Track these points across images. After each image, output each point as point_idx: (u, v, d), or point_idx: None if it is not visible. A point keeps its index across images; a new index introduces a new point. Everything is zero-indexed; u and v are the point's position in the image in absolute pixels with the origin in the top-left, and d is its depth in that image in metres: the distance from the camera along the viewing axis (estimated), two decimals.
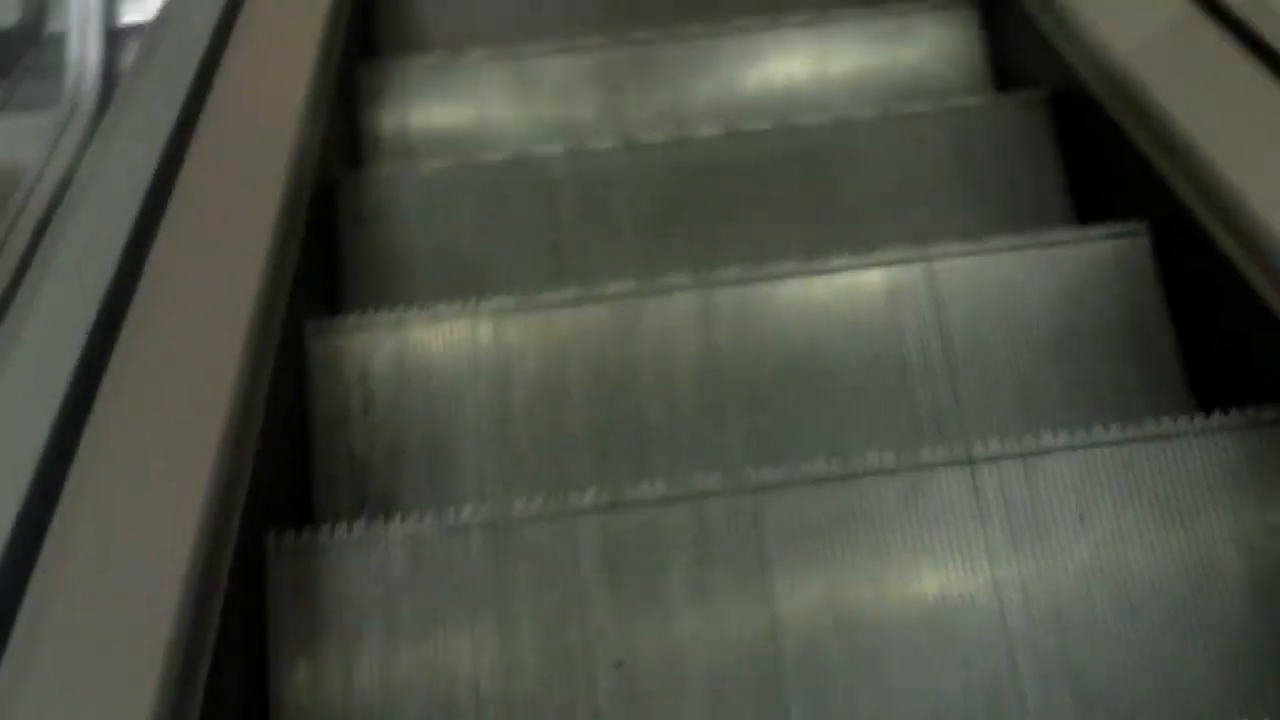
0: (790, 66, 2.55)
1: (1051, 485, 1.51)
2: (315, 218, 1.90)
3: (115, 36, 5.74)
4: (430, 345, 1.77)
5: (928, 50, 2.57)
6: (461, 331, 1.77)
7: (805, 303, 1.84)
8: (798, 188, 2.16)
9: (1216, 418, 1.54)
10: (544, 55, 2.50)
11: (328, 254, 2.01)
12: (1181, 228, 1.74)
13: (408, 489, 1.69)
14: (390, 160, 2.32)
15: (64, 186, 2.33)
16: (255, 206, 1.74)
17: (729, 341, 1.81)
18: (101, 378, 1.41)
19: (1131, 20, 2.05)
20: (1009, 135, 2.20)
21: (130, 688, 1.12)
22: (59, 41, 5.63)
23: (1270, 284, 1.52)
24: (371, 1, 2.77)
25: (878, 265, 1.87)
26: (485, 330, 1.78)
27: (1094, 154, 2.09)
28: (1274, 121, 1.69)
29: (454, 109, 2.43)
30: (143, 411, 1.39)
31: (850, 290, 1.86)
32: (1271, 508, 1.49)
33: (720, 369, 1.78)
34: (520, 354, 1.77)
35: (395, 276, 2.00)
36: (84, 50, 5.51)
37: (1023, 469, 1.51)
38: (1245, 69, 1.77)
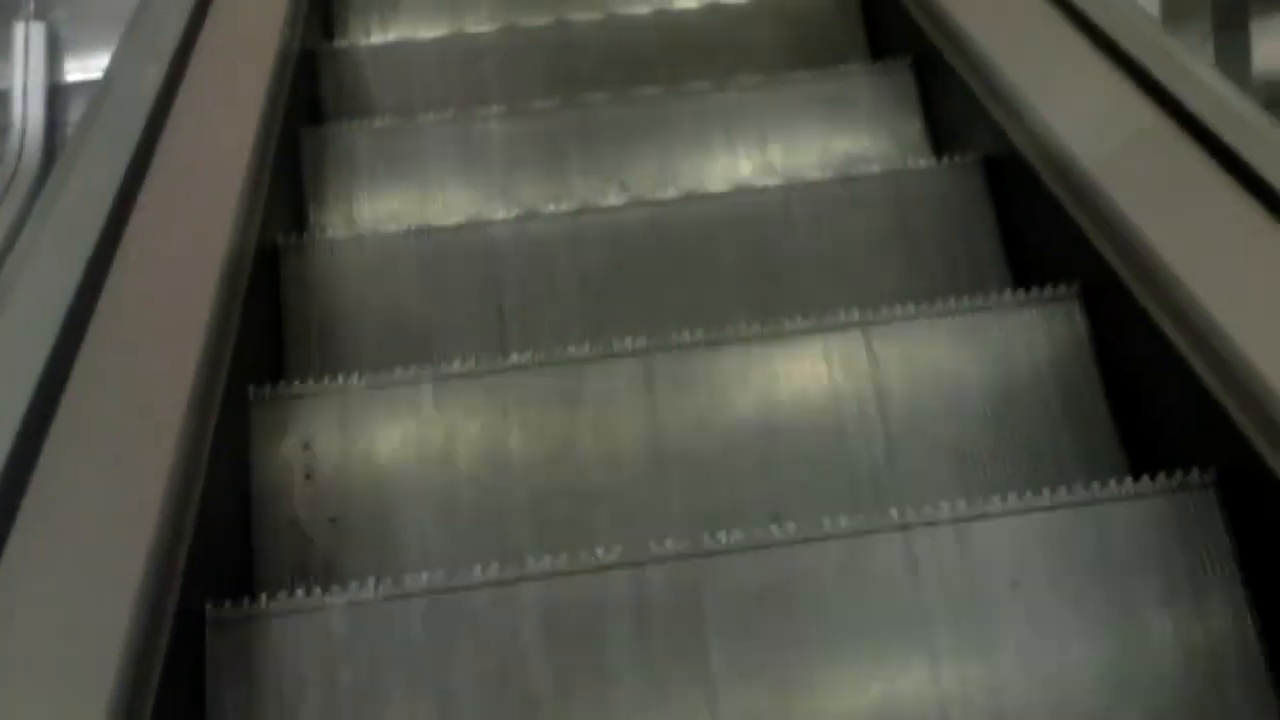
0: (731, 130, 2.59)
1: (985, 551, 1.53)
2: (258, 284, 1.91)
3: (60, 94, 5.74)
4: (373, 412, 1.78)
5: (866, 115, 2.62)
6: (405, 398, 1.78)
7: (747, 369, 1.86)
8: (739, 253, 2.19)
9: (1146, 482, 1.57)
10: (490, 119, 2.52)
11: (271, 321, 2.02)
12: (1111, 292, 1.78)
13: (351, 558, 1.69)
14: (335, 225, 2.33)
15: (3, 253, 2.34)
16: (197, 274, 1.75)
17: (672, 407, 1.83)
18: (42, 444, 1.41)
19: (1061, 87, 2.10)
20: (945, 200, 2.24)
21: None
22: (2, 99, 5.62)
23: (1196, 351, 1.56)
24: (317, 67, 2.79)
25: (817, 332, 1.89)
26: (428, 397, 1.79)
27: (1027, 218, 2.13)
28: (1201, 191, 1.73)
29: (400, 176, 2.44)
30: (83, 480, 1.39)
31: (790, 356, 1.88)
32: (1201, 572, 1.51)
33: (663, 435, 1.80)
34: (464, 421, 1.78)
35: (339, 343, 2.01)
36: (26, 109, 5.51)
37: (956, 535, 1.53)
38: (1171, 137, 1.82)
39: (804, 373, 1.87)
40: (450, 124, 2.52)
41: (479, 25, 3.00)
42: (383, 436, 1.76)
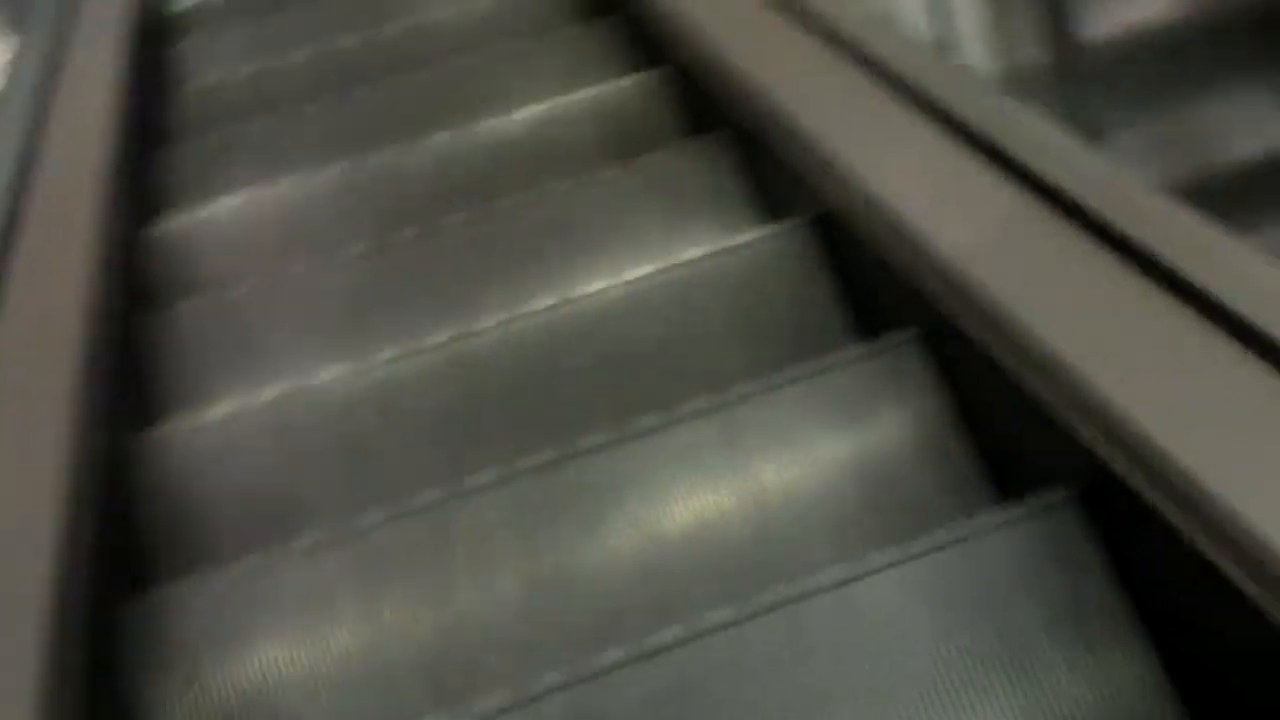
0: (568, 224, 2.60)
1: (871, 611, 1.53)
2: (107, 495, 1.88)
3: None
4: (247, 603, 1.75)
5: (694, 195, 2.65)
6: (270, 580, 1.76)
7: (610, 476, 1.86)
8: (591, 358, 2.20)
9: (1011, 509, 1.58)
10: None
11: (127, 529, 1.98)
12: (949, 330, 1.80)
13: None
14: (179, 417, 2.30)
15: None
16: (36, 482, 1.72)
17: (545, 530, 1.81)
18: None
19: (884, 151, 2.13)
20: (780, 268, 2.26)
21: None
22: None
23: (1032, 375, 1.58)
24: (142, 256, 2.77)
25: (675, 424, 1.89)
26: (295, 578, 1.76)
27: (863, 273, 2.15)
28: (1033, 241, 1.76)
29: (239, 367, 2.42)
30: None
31: (650, 451, 1.88)
32: (1077, 583, 1.52)
33: (540, 560, 1.79)
34: (338, 590, 1.76)
35: (199, 538, 1.98)
36: None
37: (836, 602, 1.53)
38: (990, 187, 1.86)
39: (670, 467, 1.87)
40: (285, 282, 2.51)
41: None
42: (254, 627, 1.73)
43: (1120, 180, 1.83)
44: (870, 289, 2.13)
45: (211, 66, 3.94)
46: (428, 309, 2.41)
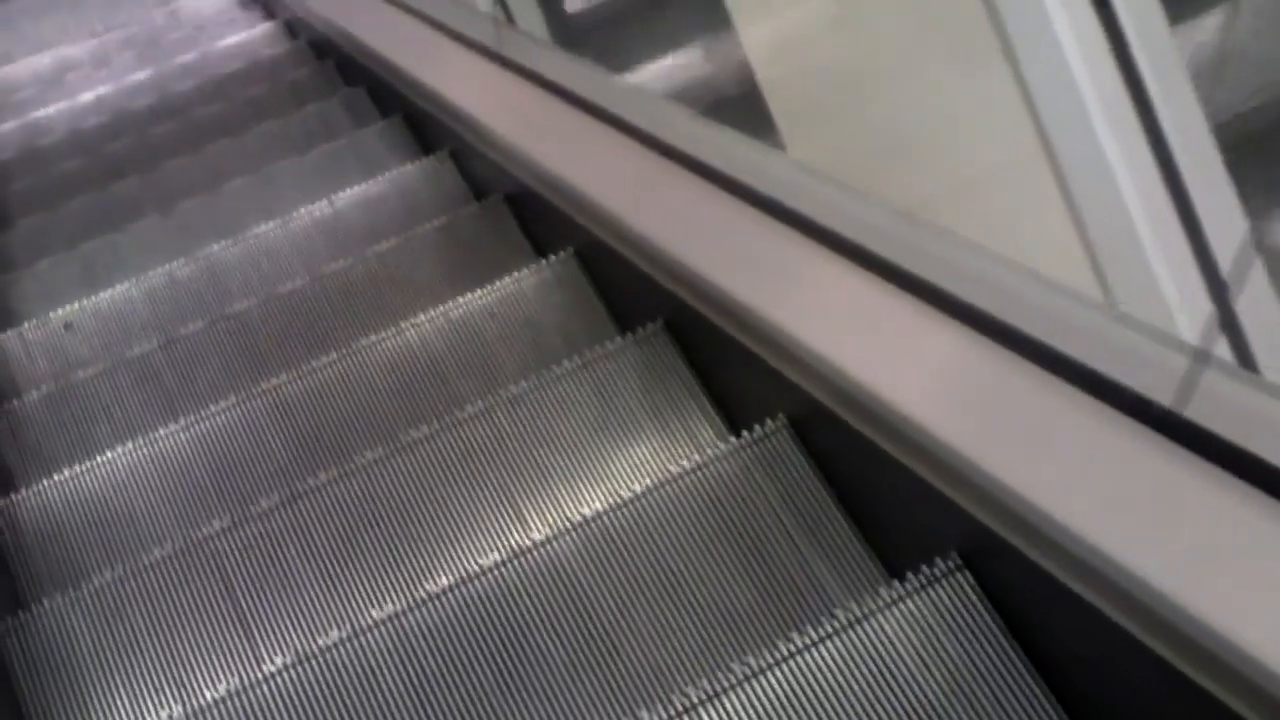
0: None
1: (774, 702, 1.54)
2: None
3: None
4: None
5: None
6: None
7: (495, 597, 1.85)
8: (461, 482, 2.20)
9: (898, 587, 1.60)
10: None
11: (8, 705, 1.92)
12: (814, 414, 1.84)
13: None
14: (50, 586, 2.24)
15: None
16: None
17: (434, 661, 1.80)
18: None
19: (723, 243, 2.17)
20: (642, 369, 2.29)
21: None
22: None
23: (900, 451, 1.62)
24: None
25: (552, 541, 1.89)
26: None
27: (720, 368, 2.18)
28: (877, 317, 1.80)
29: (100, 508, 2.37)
30: None
31: (534, 570, 1.87)
32: (970, 648, 1.55)
33: (432, 699, 1.76)
34: None
35: (86, 705, 1.92)
36: None
37: (743, 697, 1.53)
38: (833, 267, 1.90)
39: (544, 584, 1.87)
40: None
41: None
42: None
43: None
44: (731, 381, 2.18)
45: None
46: None
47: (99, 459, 2.43)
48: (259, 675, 1.77)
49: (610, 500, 1.92)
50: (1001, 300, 1.61)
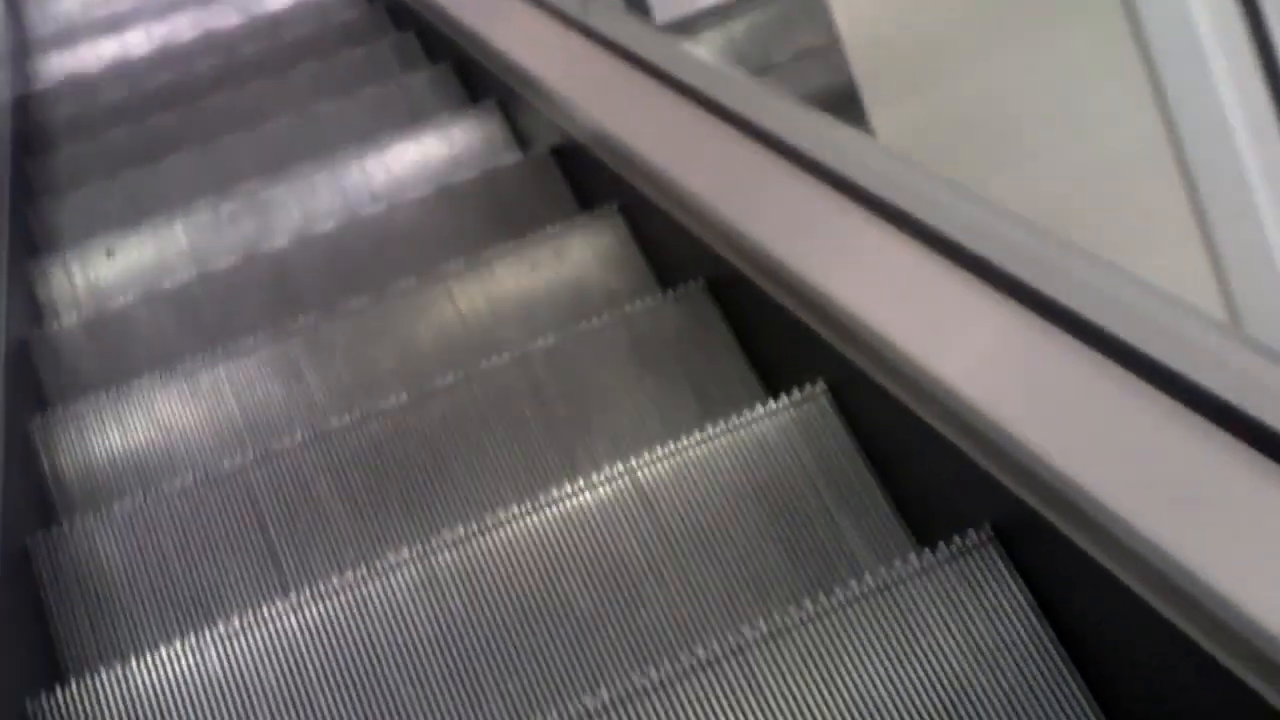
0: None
1: (797, 661, 1.54)
2: (13, 591, 1.84)
3: None
4: (161, 692, 1.72)
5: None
6: (190, 669, 1.72)
7: (525, 543, 1.85)
8: (497, 429, 2.20)
9: (929, 556, 1.60)
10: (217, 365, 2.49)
11: (36, 623, 1.94)
12: (854, 382, 1.83)
13: None
14: (82, 506, 2.26)
15: None
16: None
17: (461, 603, 1.80)
18: None
19: (774, 207, 2.16)
20: (682, 328, 2.29)
21: None
22: None
23: (944, 423, 1.61)
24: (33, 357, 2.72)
25: (585, 491, 1.90)
26: (214, 660, 1.73)
27: (761, 331, 2.18)
28: (921, 286, 1.79)
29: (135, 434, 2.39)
30: None
31: (566, 519, 1.88)
32: (998, 621, 1.55)
33: (459, 634, 1.77)
34: (256, 672, 1.73)
35: (113, 627, 1.94)
36: None
37: (767, 654, 1.53)
38: (882, 235, 1.89)
39: (583, 530, 1.87)
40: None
41: None
42: (175, 710, 1.70)
43: None
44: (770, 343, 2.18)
45: None
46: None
47: (135, 384, 2.44)
48: (286, 605, 1.78)
49: (644, 455, 1.92)
50: (1056, 279, 1.60)
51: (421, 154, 3.45)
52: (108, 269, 3.15)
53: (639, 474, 1.90)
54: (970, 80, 2.00)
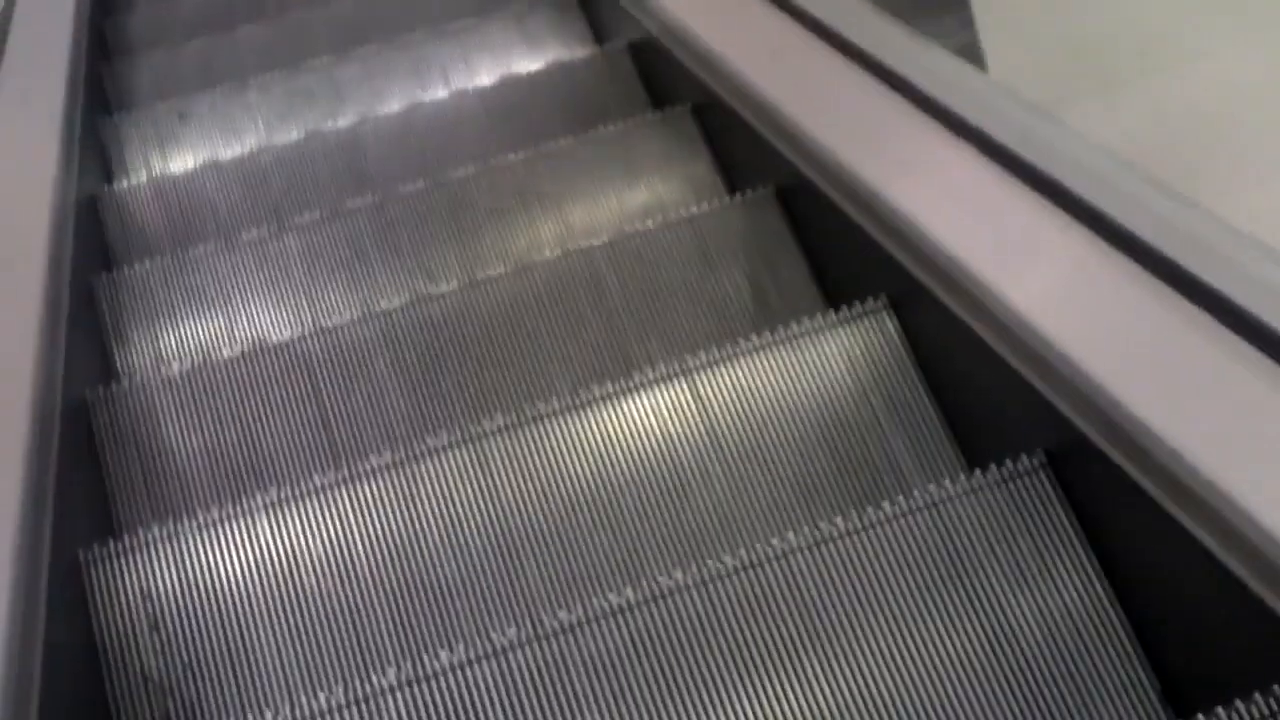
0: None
1: (840, 571, 1.55)
2: (71, 441, 1.86)
3: None
4: (210, 552, 1.74)
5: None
6: (240, 532, 1.75)
7: (578, 436, 1.86)
8: (556, 322, 2.20)
9: (979, 477, 1.60)
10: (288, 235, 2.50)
11: (92, 475, 1.97)
12: (917, 299, 1.82)
13: (211, 699, 1.65)
14: (140, 368, 2.28)
15: None
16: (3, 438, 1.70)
17: (510, 488, 1.82)
18: None
19: (847, 118, 2.14)
20: (747, 233, 2.28)
21: None
22: None
23: (1004, 344, 1.60)
24: (101, 214, 2.74)
25: (641, 388, 1.90)
26: (264, 526, 1.75)
27: (827, 241, 2.17)
28: (992, 206, 1.77)
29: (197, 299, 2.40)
30: None
31: (619, 415, 1.89)
32: (1044, 548, 1.55)
33: (506, 517, 1.79)
34: (304, 543, 1.75)
35: (166, 486, 1.97)
36: None
37: (810, 561, 1.54)
38: (956, 152, 1.87)
39: (636, 427, 1.88)
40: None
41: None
42: (224, 573, 1.72)
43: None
44: (835, 255, 2.16)
45: None
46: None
47: (200, 249, 2.46)
48: (338, 477, 1.80)
49: (700, 355, 1.92)
50: (1131, 209, 1.58)
51: (502, 41, 3.42)
52: (180, 131, 3.16)
53: (694, 374, 1.90)
54: None
